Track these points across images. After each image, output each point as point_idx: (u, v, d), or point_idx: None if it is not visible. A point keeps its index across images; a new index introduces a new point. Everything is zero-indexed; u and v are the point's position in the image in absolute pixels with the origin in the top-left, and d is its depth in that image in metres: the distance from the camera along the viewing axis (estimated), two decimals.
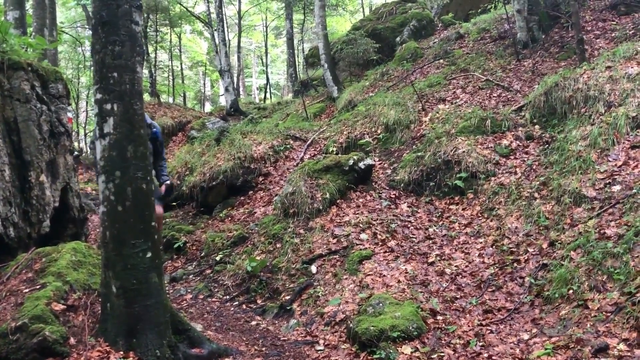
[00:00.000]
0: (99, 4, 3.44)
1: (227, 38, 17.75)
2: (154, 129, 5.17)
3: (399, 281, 5.23)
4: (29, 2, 12.13)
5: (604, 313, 4.00)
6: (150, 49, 20.67)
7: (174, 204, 9.15)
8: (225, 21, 17.78)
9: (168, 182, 5.52)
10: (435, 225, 6.61)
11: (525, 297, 4.80)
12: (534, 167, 6.83)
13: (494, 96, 9.24)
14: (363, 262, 5.66)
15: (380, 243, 6.10)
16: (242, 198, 8.67)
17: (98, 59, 3.50)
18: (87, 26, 21.52)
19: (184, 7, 19.90)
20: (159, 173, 5.51)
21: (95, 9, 3.48)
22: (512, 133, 7.67)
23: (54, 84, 5.38)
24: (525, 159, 7.09)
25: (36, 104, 4.99)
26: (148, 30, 19.35)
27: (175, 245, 7.58)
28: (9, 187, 4.49)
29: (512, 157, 7.24)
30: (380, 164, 8.41)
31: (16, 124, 4.83)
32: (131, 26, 3.52)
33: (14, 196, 4.56)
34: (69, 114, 5.65)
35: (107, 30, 3.46)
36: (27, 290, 3.79)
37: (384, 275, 5.37)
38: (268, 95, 25.89)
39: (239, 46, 24.28)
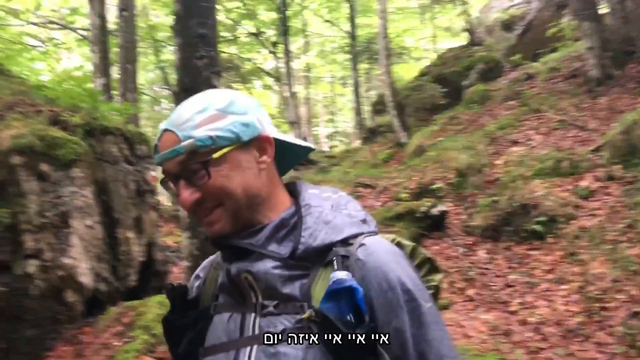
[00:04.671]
0: (182, 72, 3.70)
1: (295, 90, 18.32)
2: None
3: (480, 331, 5.09)
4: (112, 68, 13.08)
5: None
6: None
7: None
8: (293, 75, 18.40)
9: None
10: (515, 272, 6.41)
11: (617, 348, 4.54)
12: (617, 208, 6.54)
13: (569, 136, 8.99)
14: (442, 312, 5.54)
15: (458, 292, 5.98)
16: None
17: None
18: (164, 87, 22.82)
19: (255, 64, 20.77)
20: None
21: (179, 77, 3.75)
22: (591, 174, 7.40)
23: (139, 146, 5.75)
24: (607, 200, 6.81)
25: (124, 165, 5.34)
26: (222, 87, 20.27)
27: None
28: (101, 244, 4.78)
29: (592, 199, 6.97)
30: (453, 209, 8.30)
31: (106, 184, 5.17)
32: None
33: (104, 252, 4.85)
34: (153, 173, 5.98)
35: (189, 96, 3.69)
36: (117, 343, 3.98)
37: (464, 326, 5.24)
38: (336, 143, 26.27)
39: (307, 98, 24.97)
